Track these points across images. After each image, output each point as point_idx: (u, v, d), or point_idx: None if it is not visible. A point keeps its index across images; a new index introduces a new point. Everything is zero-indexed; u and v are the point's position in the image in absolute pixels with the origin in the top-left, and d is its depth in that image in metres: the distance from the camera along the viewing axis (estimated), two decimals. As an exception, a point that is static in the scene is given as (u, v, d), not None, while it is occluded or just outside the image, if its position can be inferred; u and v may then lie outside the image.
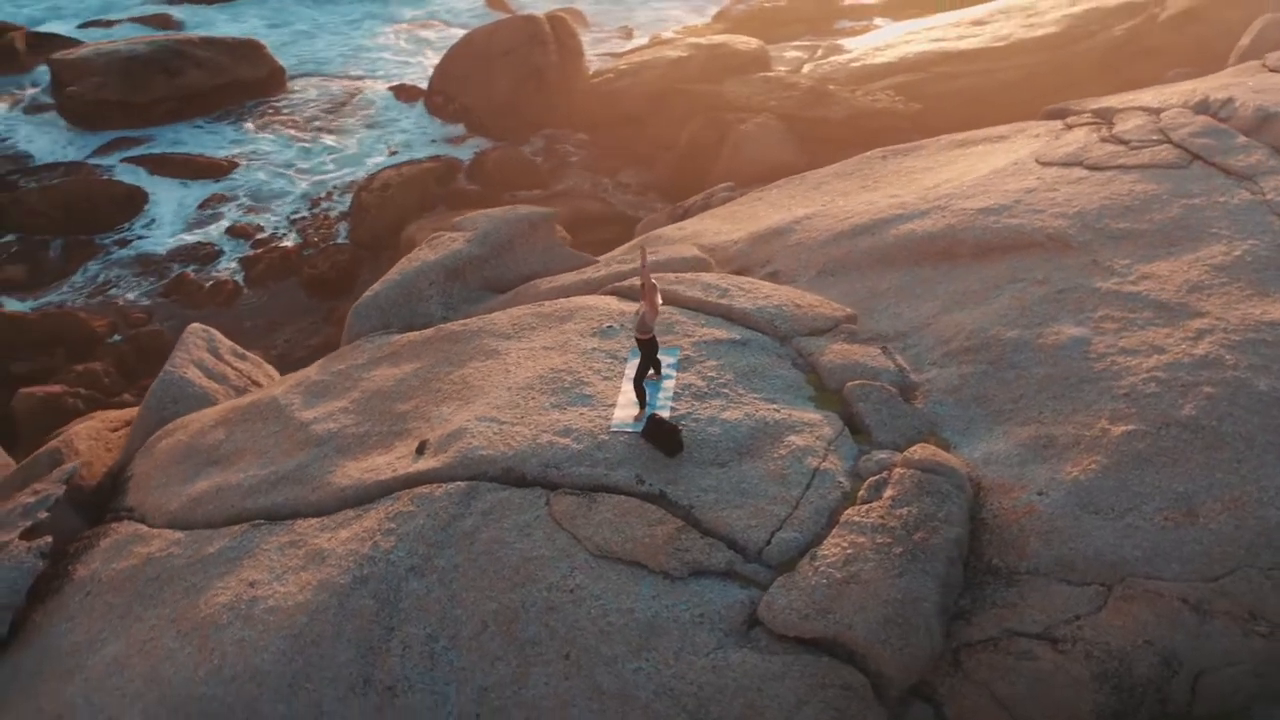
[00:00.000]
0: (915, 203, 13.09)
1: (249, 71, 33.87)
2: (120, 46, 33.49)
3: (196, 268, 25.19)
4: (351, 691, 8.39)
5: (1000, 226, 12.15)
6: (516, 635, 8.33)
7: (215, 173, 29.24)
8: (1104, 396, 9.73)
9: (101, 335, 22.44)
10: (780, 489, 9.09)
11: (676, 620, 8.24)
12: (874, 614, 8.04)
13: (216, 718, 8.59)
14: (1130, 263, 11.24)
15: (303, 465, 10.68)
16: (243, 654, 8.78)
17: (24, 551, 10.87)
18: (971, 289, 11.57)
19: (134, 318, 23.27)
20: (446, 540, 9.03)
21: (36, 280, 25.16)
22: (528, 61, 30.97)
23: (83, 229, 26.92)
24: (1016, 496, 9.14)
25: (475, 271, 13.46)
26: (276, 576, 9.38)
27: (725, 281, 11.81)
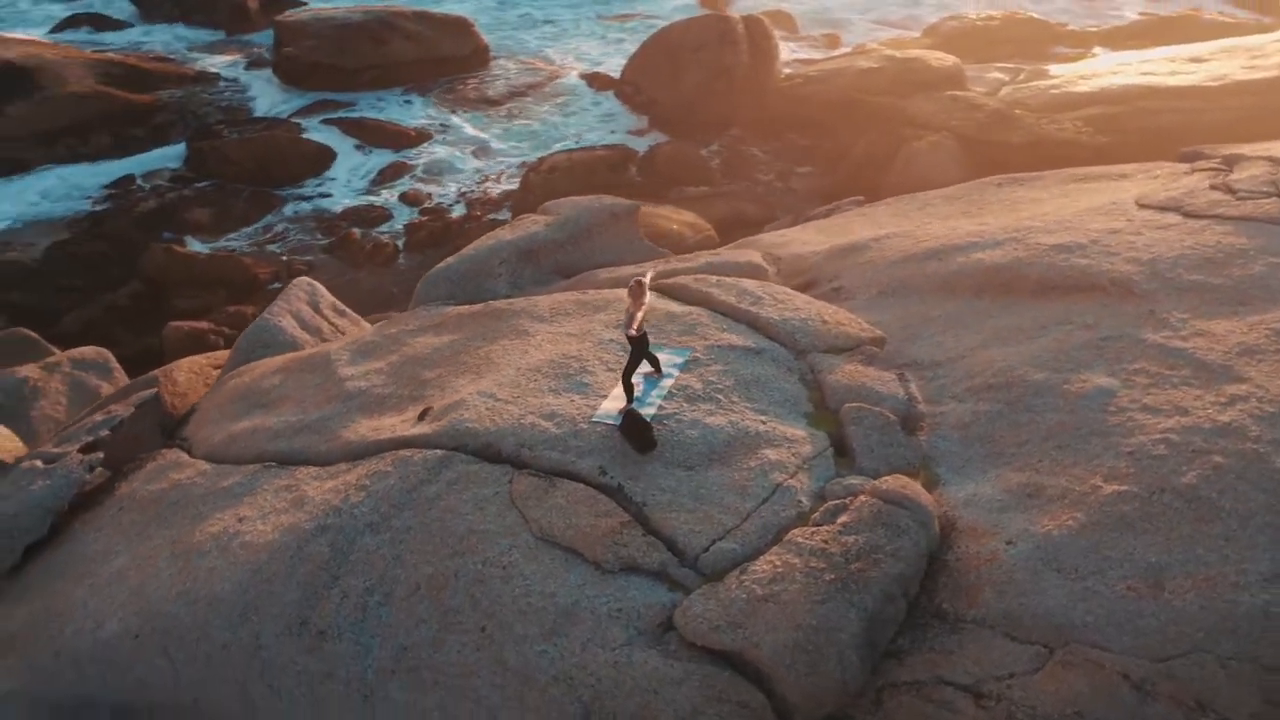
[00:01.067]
0: (994, 232, 12.69)
1: (454, 48, 35.47)
2: (337, 13, 35.72)
3: (364, 229, 26.62)
4: (288, 630, 8.90)
5: (1067, 265, 11.65)
6: (443, 602, 8.64)
7: (403, 141, 30.81)
8: (1108, 452, 9.26)
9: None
10: (736, 499, 9.09)
11: (593, 611, 8.37)
12: (784, 636, 7.96)
13: (173, 634, 9.27)
14: (1188, 317, 10.60)
15: (325, 417, 11.32)
16: (209, 581, 9.44)
17: (75, 464, 11.93)
18: (1020, 326, 11.16)
19: (295, 268, 24.85)
20: (408, 503, 9.44)
21: (219, 225, 27.22)
22: (717, 60, 31.27)
23: (271, 182, 28.94)
24: (984, 543, 8.83)
25: (549, 255, 13.85)
26: (262, 515, 10.01)
27: (762, 290, 11.79)
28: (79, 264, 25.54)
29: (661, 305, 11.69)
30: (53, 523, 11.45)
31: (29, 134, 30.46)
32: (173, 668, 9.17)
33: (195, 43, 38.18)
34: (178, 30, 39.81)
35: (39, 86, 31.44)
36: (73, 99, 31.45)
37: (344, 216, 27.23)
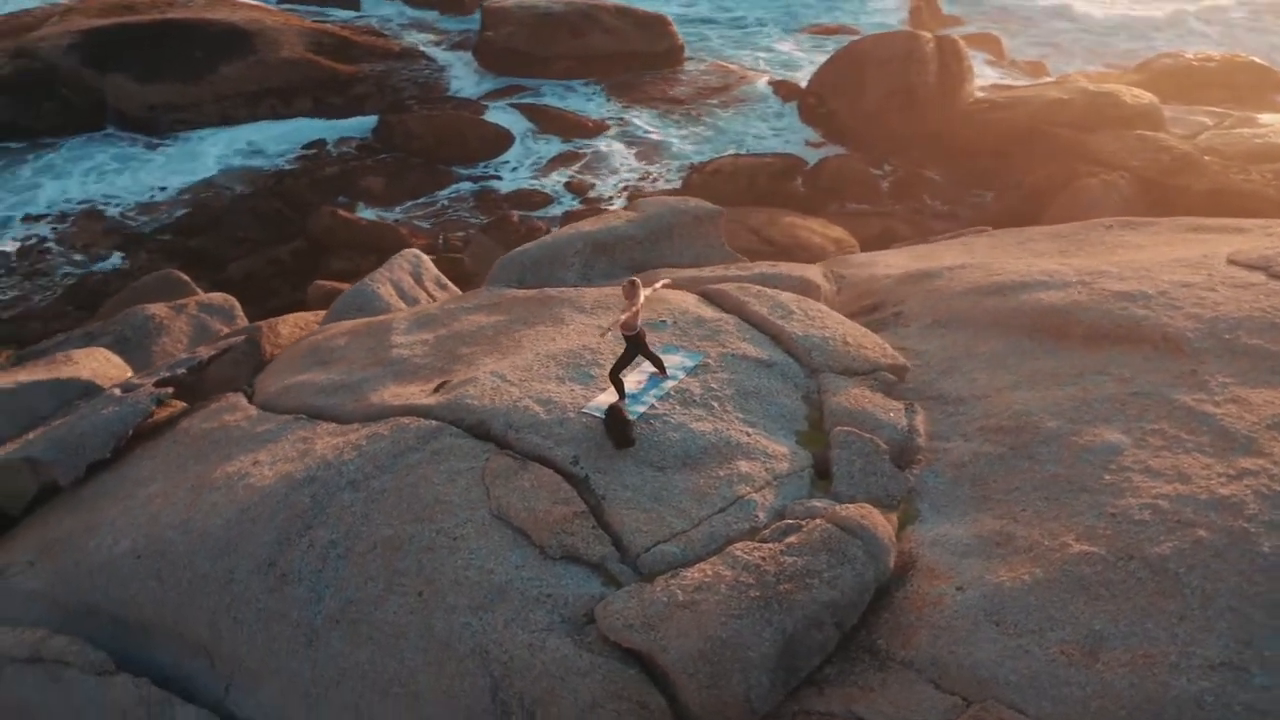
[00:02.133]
0: (1067, 273, 12.23)
1: (648, 44, 36.12)
2: (541, 2, 36.90)
3: (524, 212, 27.52)
4: (258, 569, 9.51)
5: (1124, 314, 11.15)
6: (393, 564, 9.07)
7: (580, 131, 31.62)
8: (1091, 510, 8.89)
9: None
10: (693, 505, 9.18)
11: (523, 593, 8.63)
12: (692, 644, 8.03)
13: (166, 558, 10.04)
14: (1231, 382, 10.00)
15: (363, 379, 11.94)
16: (208, 515, 10.18)
17: (144, 396, 12.95)
18: (1056, 370, 10.77)
19: (451, 242, 25.91)
20: (391, 467, 9.92)
21: (390, 195, 28.66)
22: (901, 76, 30.80)
23: (447, 159, 30.25)
24: (936, 585, 8.64)
25: (625, 251, 14.12)
26: (272, 462, 10.69)
27: (798, 305, 11.74)
28: (256, 217, 27.39)
29: (695, 310, 11.81)
30: (116, 446, 12.40)
31: (238, 93, 32.79)
32: (161, 589, 9.91)
33: (410, 21, 40.19)
34: (399, 8, 41.94)
35: (254, 50, 33.78)
36: (283, 64, 33.65)
37: (507, 198, 28.22)
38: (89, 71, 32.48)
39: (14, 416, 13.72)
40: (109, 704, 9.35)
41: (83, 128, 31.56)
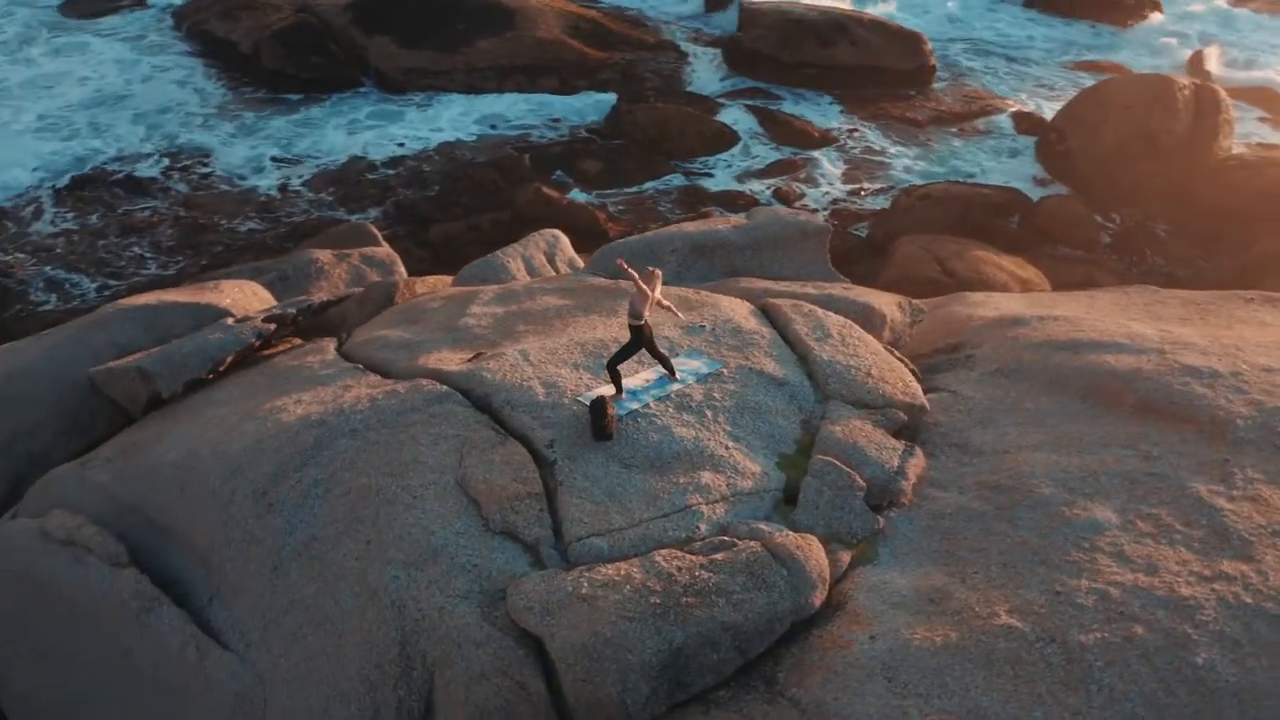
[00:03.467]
0: (1150, 339, 11.48)
1: (898, 61, 35.50)
2: (796, 8, 36.96)
3: (725, 212, 27.78)
4: (252, 495, 10.33)
5: (1181, 390, 10.41)
6: (357, 510, 9.68)
7: (806, 141, 31.53)
8: (1038, 585, 8.47)
9: (603, 234, 25.97)
10: (640, 506, 9.32)
11: (453, 559, 9.04)
12: (577, 637, 8.23)
13: (193, 472, 11.00)
14: (1260, 479, 9.21)
15: (423, 342, 12.60)
16: (235, 440, 11.10)
17: (249, 328, 14.08)
18: (1087, 437, 10.21)
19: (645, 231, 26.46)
20: (391, 422, 10.52)
21: (603, 179, 29.55)
22: (1144, 122, 29.00)
23: (667, 151, 30.86)
24: (853, 629, 8.47)
25: (726, 257, 14.22)
26: (307, 402, 11.49)
27: (840, 330, 11.54)
28: (472, 184, 28.87)
29: (740, 320, 11.81)
30: (213, 369, 13.56)
31: (489, 66, 34.50)
32: (182, 500, 10.88)
33: (672, 15, 40.98)
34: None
35: (513, 26, 35.42)
36: (536, 43, 35.13)
37: (713, 197, 28.53)
38: (358, 31, 34.96)
39: (152, 331, 15.16)
40: (112, 592, 10.33)
41: (343, 84, 34.01)
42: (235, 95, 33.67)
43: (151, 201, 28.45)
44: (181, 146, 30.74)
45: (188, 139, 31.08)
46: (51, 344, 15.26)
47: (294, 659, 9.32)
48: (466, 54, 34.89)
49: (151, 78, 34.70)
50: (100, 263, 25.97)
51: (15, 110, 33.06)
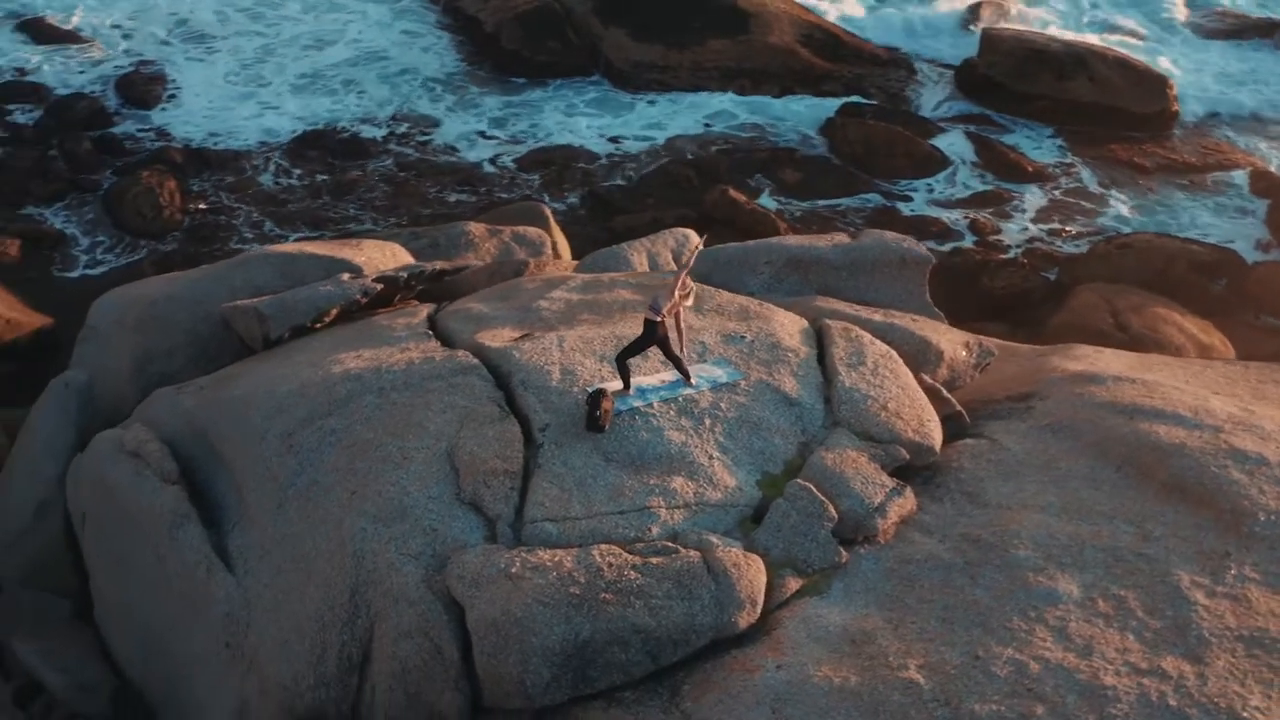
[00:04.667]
0: (1217, 415, 10.70)
1: (1137, 103, 33.45)
2: (1039, 38, 35.52)
3: (914, 238, 27.11)
4: (280, 435, 11.11)
5: (1215, 473, 9.70)
6: (354, 462, 10.26)
7: (1019, 175, 30.23)
8: (963, 647, 8.20)
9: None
10: (602, 500, 9.51)
11: (418, 521, 9.50)
12: (492, 611, 8.54)
13: (248, 406, 11.89)
14: (1255, 579, 8.54)
15: (494, 318, 13.08)
16: (287, 383, 11.91)
17: (357, 286, 14.91)
18: (1098, 506, 9.70)
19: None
20: (415, 386, 11.06)
21: (798, 188, 29.26)
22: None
23: (870, 168, 30.34)
24: (766, 656, 8.47)
25: (820, 275, 14.04)
26: (364, 359, 12.12)
27: (877, 359, 11.26)
28: (667, 180, 29.22)
29: (781, 334, 11.68)
30: (316, 318, 14.46)
31: (716, 66, 34.79)
32: (233, 431, 11.78)
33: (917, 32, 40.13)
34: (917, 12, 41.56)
35: (747, 30, 35.58)
36: (766, 48, 35.16)
37: (905, 221, 27.63)
38: (596, 21, 35.93)
39: (286, 277, 16.25)
40: (156, 505, 11.31)
41: (573, 72, 35.02)
42: (469, 71, 35.20)
43: (371, 163, 30.12)
44: (409, 113, 32.39)
45: (416, 107, 32.74)
46: (199, 277, 16.58)
47: (273, 591, 9.96)
48: (696, 52, 35.28)
49: (400, 45, 36.62)
50: (310, 216, 27.71)
51: (279, 66, 35.53)
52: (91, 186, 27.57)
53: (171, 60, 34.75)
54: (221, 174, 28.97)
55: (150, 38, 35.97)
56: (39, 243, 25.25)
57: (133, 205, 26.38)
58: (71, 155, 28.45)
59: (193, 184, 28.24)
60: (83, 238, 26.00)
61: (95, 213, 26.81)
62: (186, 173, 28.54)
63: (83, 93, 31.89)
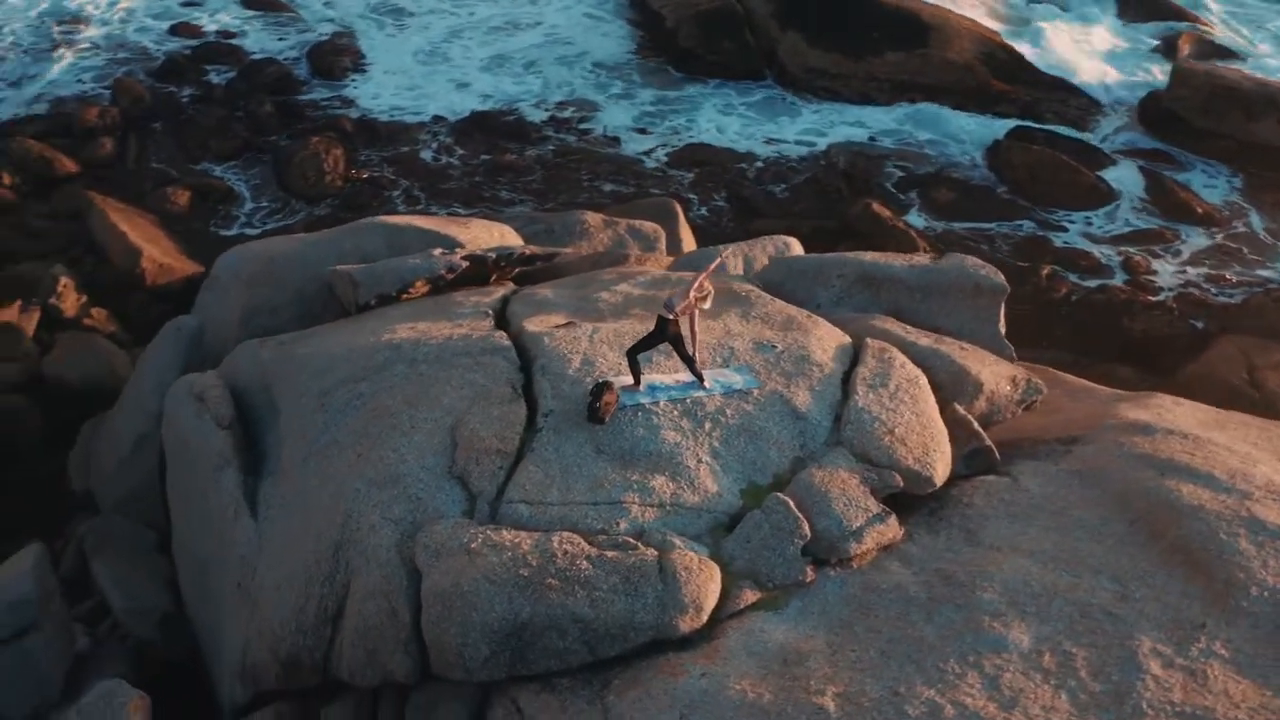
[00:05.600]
0: (1253, 481, 10.08)
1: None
2: (1231, 75, 33.58)
3: (1061, 271, 26.18)
4: (316, 395, 11.75)
5: (1223, 541, 9.13)
6: (369, 426, 10.74)
7: (1186, 215, 28.32)
8: (887, 681, 8.05)
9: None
10: (580, 489, 9.72)
11: (406, 489, 9.90)
12: (443, 582, 8.88)
13: (302, 364, 12.57)
14: (1224, 656, 8.04)
15: (555, 304, 13.34)
16: (340, 346, 12.53)
17: (443, 262, 15.35)
18: (1090, 560, 9.30)
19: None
20: (444, 360, 11.47)
21: (949, 209, 28.41)
22: None
23: (1029, 194, 29.35)
24: (696, 662, 8.49)
25: (892, 294, 13.77)
26: (416, 331, 12.54)
27: (900, 382, 10.99)
28: (817, 190, 28.93)
29: (816, 349, 11.51)
30: (401, 289, 15.00)
31: (889, 78, 34.23)
32: (287, 386, 12.44)
33: (1104, 60, 38.36)
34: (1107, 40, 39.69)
35: (926, 44, 34.86)
36: (944, 64, 34.36)
37: (1055, 252, 26.63)
38: (774, 24, 35.86)
39: (392, 247, 16.93)
40: (208, 446, 12.08)
41: (745, 73, 35.03)
42: (642, 65, 35.61)
43: (532, 147, 30.85)
44: (577, 101, 33.04)
45: (585, 96, 33.36)
46: (315, 240, 17.42)
47: (279, 539, 10.49)
48: (871, 63, 34.79)
49: (584, 34, 37.28)
50: (465, 194, 28.58)
51: (465, 47, 36.69)
52: (266, 148, 29.15)
53: (366, 34, 36.40)
54: (388, 147, 30.20)
55: (350, 11, 37.75)
56: (207, 196, 26.87)
57: (298, 168, 27.78)
58: (253, 117, 30.12)
59: (359, 154, 29.52)
60: (249, 196, 27.55)
61: (264, 173, 28.33)
62: (355, 142, 29.89)
63: (274, 58, 33.73)
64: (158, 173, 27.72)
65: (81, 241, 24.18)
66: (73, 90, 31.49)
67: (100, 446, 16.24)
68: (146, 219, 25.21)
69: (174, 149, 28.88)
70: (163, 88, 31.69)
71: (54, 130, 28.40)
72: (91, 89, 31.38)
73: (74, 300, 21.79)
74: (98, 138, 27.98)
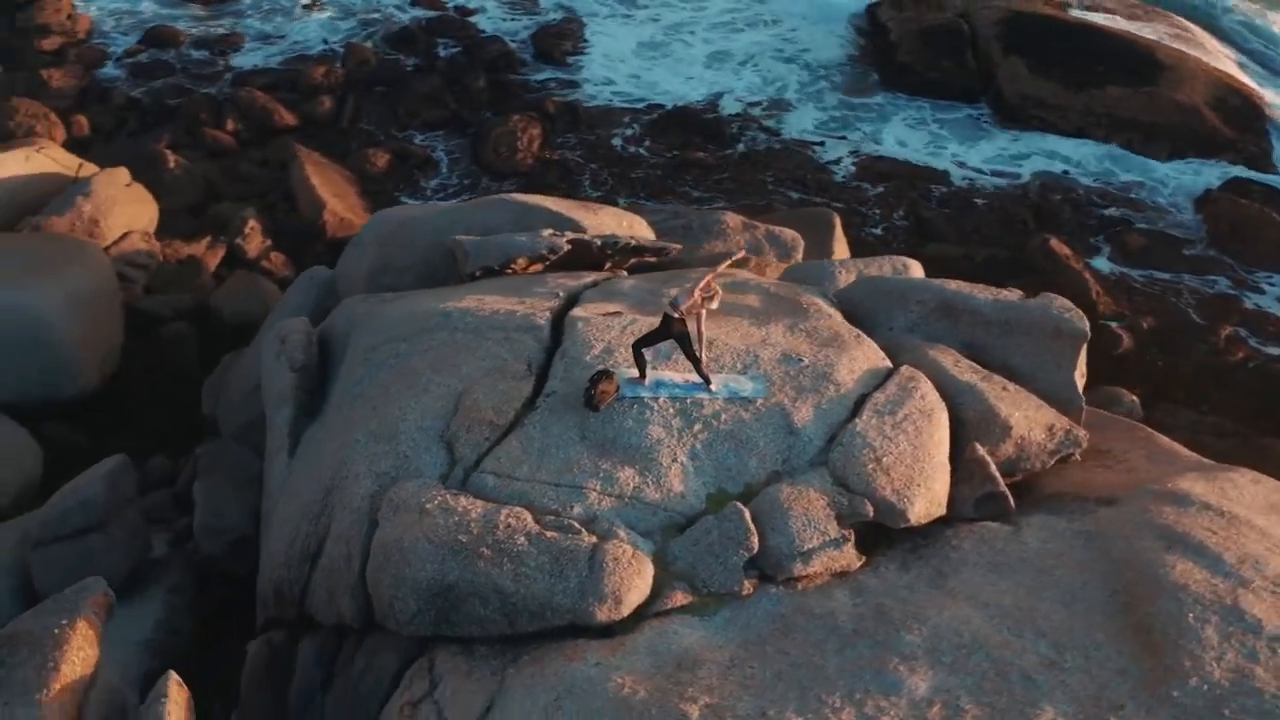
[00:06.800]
0: (1258, 562, 9.30)
1: None
2: None
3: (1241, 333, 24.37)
4: (366, 349, 12.41)
5: (1188, 626, 8.43)
6: (392, 385, 11.39)
7: None
8: (762, 703, 8.01)
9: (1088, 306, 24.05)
10: (551, 470, 9.99)
11: (396, 446, 10.49)
12: (389, 535, 9.41)
13: (373, 321, 13.19)
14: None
15: (624, 294, 13.47)
16: (407, 309, 12.98)
17: (546, 243, 15.60)
18: (1041, 622, 8.79)
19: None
20: (480, 331, 11.93)
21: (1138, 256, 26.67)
22: None
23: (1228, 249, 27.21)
24: (599, 652, 8.64)
25: (970, 326, 13.18)
26: (479, 303, 12.95)
27: (910, 411, 10.59)
28: (1001, 219, 27.62)
29: (840, 369, 11.23)
30: (503, 265, 15.46)
31: (1109, 114, 32.28)
32: (356, 339, 13.01)
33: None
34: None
35: (1155, 82, 32.87)
36: (1169, 105, 32.26)
37: (1244, 313, 24.79)
38: (998, 47, 34.67)
39: (519, 224, 17.41)
40: (277, 384, 13.07)
41: (959, 94, 34.00)
42: (855, 73, 35.05)
43: (724, 146, 30.95)
44: (775, 100, 32.89)
45: (785, 96, 33.17)
46: (449, 209, 18.30)
47: (296, 479, 11.18)
48: (1091, 96, 33.06)
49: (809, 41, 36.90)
50: (650, 185, 28.92)
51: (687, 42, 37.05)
52: (471, 122, 30.25)
53: (595, 21, 37.10)
54: (586, 131, 30.88)
55: (588, -1, 38.62)
56: (405, 161, 28.22)
57: (493, 143, 28.85)
58: (465, 90, 31.36)
59: (556, 136, 30.32)
60: (445, 165, 28.74)
61: (463, 146, 29.49)
62: (556, 124, 30.70)
63: (500, 37, 34.91)
64: (365, 133, 29.33)
65: (280, 189, 25.86)
66: (316, 49, 33.53)
67: (230, 378, 17.45)
68: (342, 176, 26.73)
69: (386, 113, 30.45)
70: (391, 54, 33.36)
71: (281, 84, 30.39)
72: (333, 49, 33.30)
73: (258, 243, 23.36)
74: (319, 95, 29.77)
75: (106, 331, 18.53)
